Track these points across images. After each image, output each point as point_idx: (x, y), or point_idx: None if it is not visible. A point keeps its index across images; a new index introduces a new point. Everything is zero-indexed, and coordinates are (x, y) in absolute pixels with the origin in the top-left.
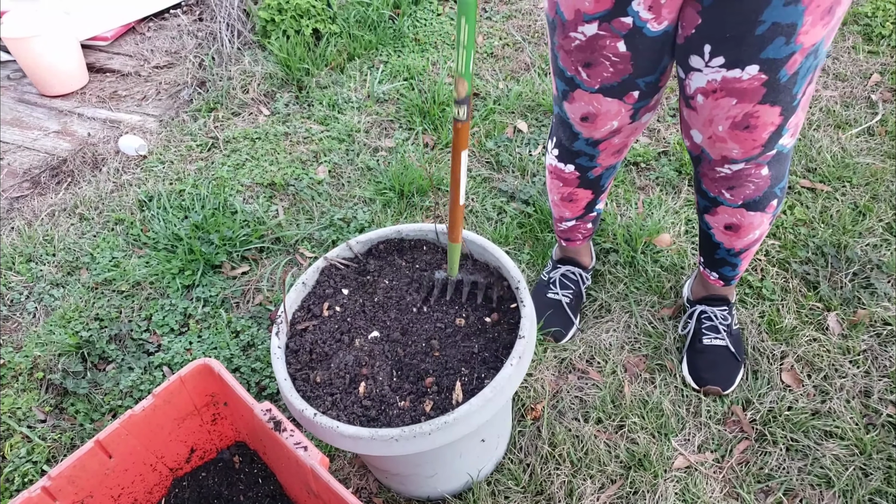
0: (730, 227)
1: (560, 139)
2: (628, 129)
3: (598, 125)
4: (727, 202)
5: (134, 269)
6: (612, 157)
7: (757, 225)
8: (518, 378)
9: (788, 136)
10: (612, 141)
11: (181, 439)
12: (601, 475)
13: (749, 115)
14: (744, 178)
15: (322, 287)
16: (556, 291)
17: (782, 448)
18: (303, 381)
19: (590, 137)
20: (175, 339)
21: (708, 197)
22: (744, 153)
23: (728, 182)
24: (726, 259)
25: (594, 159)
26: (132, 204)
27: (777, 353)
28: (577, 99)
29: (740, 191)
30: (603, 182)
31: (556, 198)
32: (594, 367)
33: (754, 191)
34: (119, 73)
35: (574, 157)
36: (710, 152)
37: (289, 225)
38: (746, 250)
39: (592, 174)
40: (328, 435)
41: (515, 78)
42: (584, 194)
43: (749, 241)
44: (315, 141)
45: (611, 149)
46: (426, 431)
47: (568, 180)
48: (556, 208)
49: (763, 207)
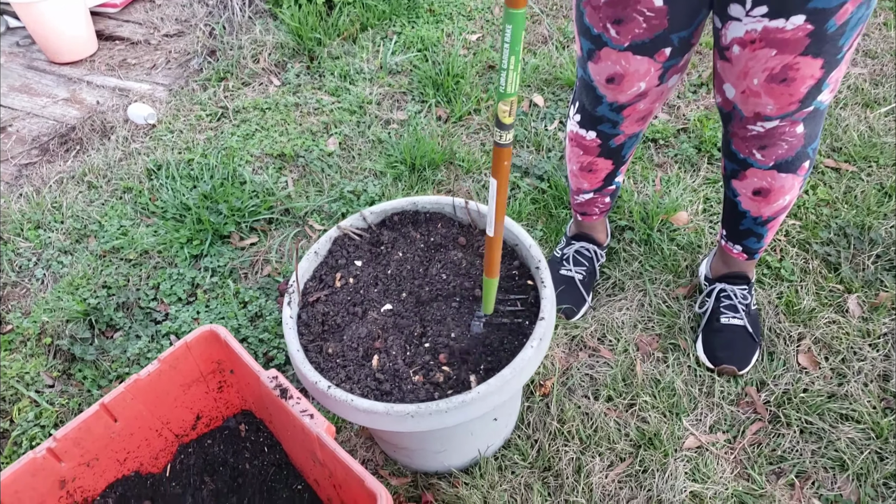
0: (759, 193)
1: (583, 104)
2: (655, 92)
3: (625, 87)
4: (757, 164)
5: (142, 238)
6: (636, 124)
7: (788, 189)
8: (537, 360)
9: (828, 92)
10: (638, 106)
11: (187, 406)
12: (610, 453)
13: (788, 68)
14: (777, 137)
15: (334, 257)
16: (570, 268)
17: (796, 430)
18: (315, 352)
19: (614, 101)
20: (182, 308)
21: (737, 159)
22: (779, 109)
23: (760, 141)
24: (752, 229)
25: (617, 126)
26: (140, 172)
27: (794, 335)
28: (603, 58)
29: (772, 151)
30: (624, 152)
31: (575, 167)
32: (605, 345)
33: (787, 150)
34: (128, 41)
35: (596, 123)
36: (742, 108)
37: (298, 197)
38: (774, 218)
39: (614, 142)
40: (342, 408)
41: (532, 51)
42: (605, 164)
43: (778, 208)
44: (326, 112)
45: (635, 115)
46: (442, 409)
47: (589, 148)
48: (575, 179)
49: (795, 169)
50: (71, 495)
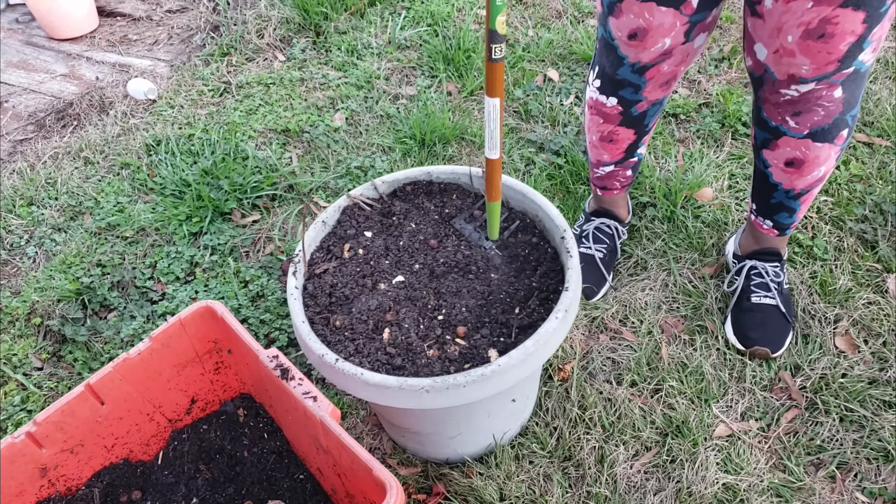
0: (791, 164)
1: (603, 67)
2: (680, 51)
3: (648, 44)
4: (791, 132)
5: (139, 215)
6: (660, 89)
7: (823, 159)
8: (562, 333)
9: (870, 51)
10: (661, 67)
11: (181, 388)
12: (635, 441)
13: (826, 21)
14: (813, 102)
15: (343, 227)
16: (589, 245)
17: (835, 418)
18: (322, 325)
19: (637, 62)
20: (180, 287)
21: (768, 127)
22: (815, 69)
23: (794, 107)
24: (784, 203)
25: (640, 91)
26: (139, 148)
27: (830, 317)
28: (625, 11)
29: (807, 117)
30: (647, 121)
31: (595, 138)
32: (628, 328)
33: (823, 117)
34: (130, 17)
35: (618, 87)
36: (775, 70)
37: (303, 173)
38: (808, 192)
39: (636, 110)
40: (350, 383)
41: (546, 25)
42: (626, 134)
43: (812, 181)
44: (332, 87)
45: (659, 78)
46: (461, 383)
47: (609, 116)
48: (594, 150)
49: (832, 138)
50: (53, 484)
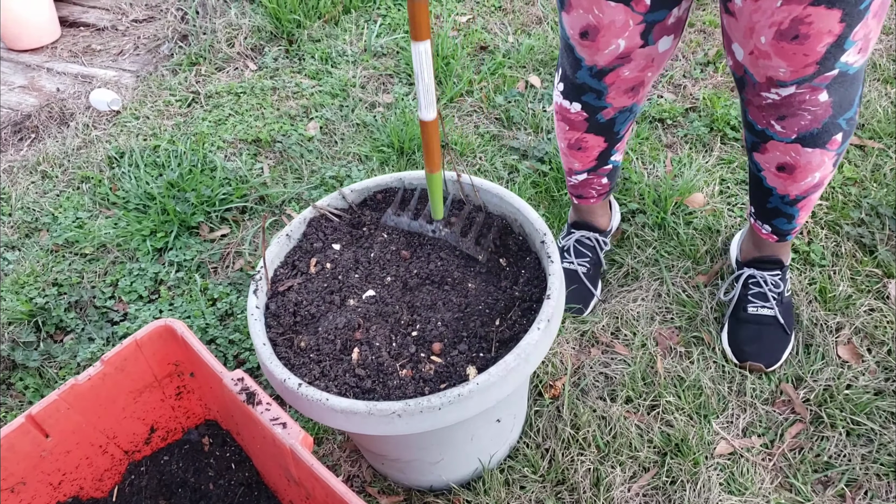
0: (783, 168)
1: (564, 69)
2: (641, 56)
3: (601, 44)
4: (778, 136)
5: (100, 231)
6: (625, 96)
7: (816, 165)
8: (546, 345)
9: (855, 52)
10: (621, 72)
11: (138, 416)
12: (632, 462)
13: (798, 21)
14: (796, 106)
15: (309, 240)
16: (571, 260)
17: (842, 432)
18: (285, 346)
19: (593, 65)
20: (143, 306)
21: (755, 130)
22: (793, 72)
23: (777, 111)
24: (780, 209)
25: (602, 97)
26: (101, 161)
27: (832, 325)
28: (574, 6)
29: (793, 122)
30: (617, 128)
31: (564, 145)
32: (620, 340)
33: (811, 122)
34: (94, 28)
35: (579, 92)
36: (753, 72)
37: (274, 184)
38: (804, 198)
39: (602, 117)
40: (316, 410)
41: (527, 31)
42: (595, 141)
43: (807, 187)
44: (306, 96)
45: (621, 84)
46: (435, 405)
47: (575, 123)
48: (565, 158)
49: (823, 143)
50: None
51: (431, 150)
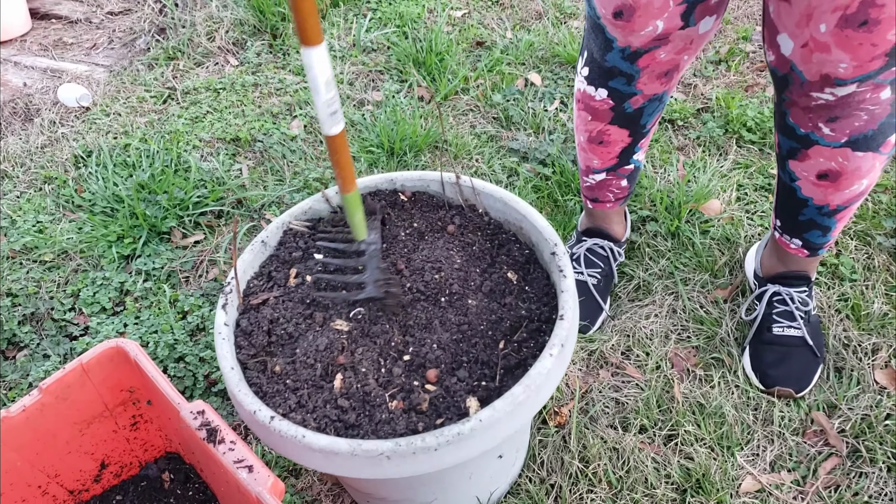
0: (826, 176)
1: (591, 52)
2: (680, 38)
3: (637, 25)
4: (825, 140)
5: (62, 235)
6: (657, 81)
7: (866, 171)
8: (558, 374)
9: None
10: (657, 55)
11: (86, 450)
12: (649, 500)
13: (868, 5)
14: (853, 107)
15: (288, 248)
16: (581, 270)
17: (882, 468)
18: (257, 371)
19: (626, 46)
20: (107, 319)
21: (796, 135)
22: (856, 68)
23: (829, 112)
24: (815, 221)
25: (633, 82)
26: (67, 160)
27: (867, 347)
28: None
29: (846, 123)
30: (644, 121)
31: (583, 138)
32: (632, 362)
33: (867, 122)
34: (67, 20)
35: (608, 77)
36: (803, 69)
37: (254, 186)
38: (846, 208)
39: (630, 106)
40: (290, 448)
41: (526, 27)
42: (619, 135)
43: (851, 196)
44: (289, 93)
45: (655, 67)
46: (430, 446)
47: (599, 112)
48: (583, 154)
49: (877, 145)
50: None
51: (343, 167)
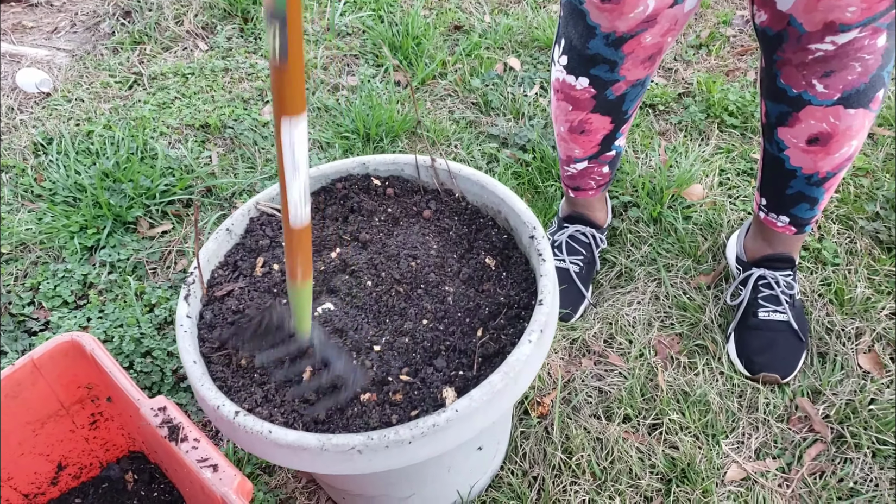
0: (816, 140)
1: (570, 40)
2: (667, 17)
3: (626, 7)
4: (818, 98)
5: (20, 226)
6: (641, 66)
7: (856, 130)
8: (538, 361)
9: None
10: (643, 38)
11: (41, 452)
12: (633, 491)
13: None
14: (851, 56)
15: (254, 237)
16: (563, 258)
17: (867, 453)
18: (222, 364)
19: (611, 32)
20: (69, 314)
21: (787, 97)
22: (864, 10)
23: (825, 65)
24: (804, 192)
25: (616, 69)
26: (25, 147)
27: (850, 331)
28: None
29: (840, 77)
30: (626, 106)
31: (563, 129)
32: (615, 350)
33: (859, 75)
34: (26, 3)
35: (589, 65)
36: (804, 20)
37: (224, 174)
38: (834, 174)
39: (613, 93)
40: (256, 444)
41: (504, 11)
42: (601, 123)
43: (840, 160)
44: (261, 77)
45: (640, 52)
46: (404, 439)
47: (580, 101)
48: (563, 144)
49: (867, 101)
50: None
51: (307, 258)
